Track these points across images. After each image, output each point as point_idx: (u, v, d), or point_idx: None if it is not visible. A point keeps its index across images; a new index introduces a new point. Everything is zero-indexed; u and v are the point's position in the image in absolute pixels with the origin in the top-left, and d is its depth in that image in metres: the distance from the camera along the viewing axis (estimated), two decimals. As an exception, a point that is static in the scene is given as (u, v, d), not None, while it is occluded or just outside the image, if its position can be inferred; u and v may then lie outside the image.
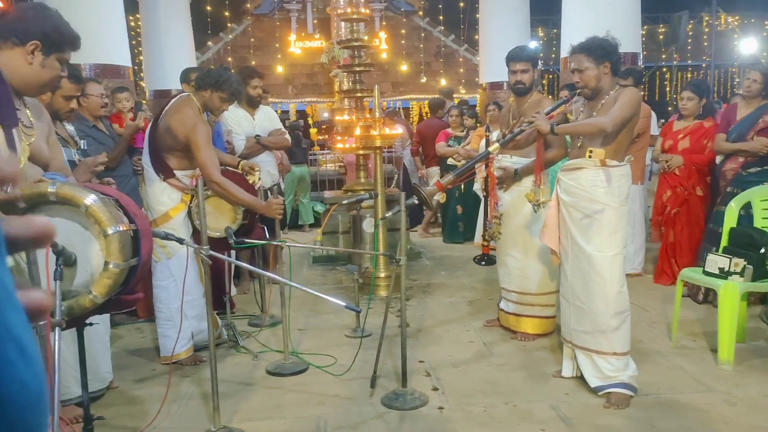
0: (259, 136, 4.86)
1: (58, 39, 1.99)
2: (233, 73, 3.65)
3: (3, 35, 1.98)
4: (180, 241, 2.74)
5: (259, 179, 3.85)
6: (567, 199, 3.09)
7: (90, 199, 1.80)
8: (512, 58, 3.86)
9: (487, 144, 5.61)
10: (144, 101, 7.30)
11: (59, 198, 1.79)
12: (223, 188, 3.38)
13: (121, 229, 1.85)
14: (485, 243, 6.02)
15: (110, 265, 1.81)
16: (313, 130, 11.05)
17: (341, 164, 8.35)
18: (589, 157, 3.02)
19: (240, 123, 4.86)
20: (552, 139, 3.57)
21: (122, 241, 1.84)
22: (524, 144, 3.73)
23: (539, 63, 3.98)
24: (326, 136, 10.48)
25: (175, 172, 3.51)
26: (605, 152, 3.00)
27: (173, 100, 3.60)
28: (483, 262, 5.97)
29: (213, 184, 3.35)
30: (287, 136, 5.23)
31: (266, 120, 5.04)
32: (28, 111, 2.18)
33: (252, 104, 4.95)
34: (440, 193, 3.91)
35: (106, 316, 3.25)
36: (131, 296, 2.18)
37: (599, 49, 3.04)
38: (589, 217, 3.00)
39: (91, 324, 2.12)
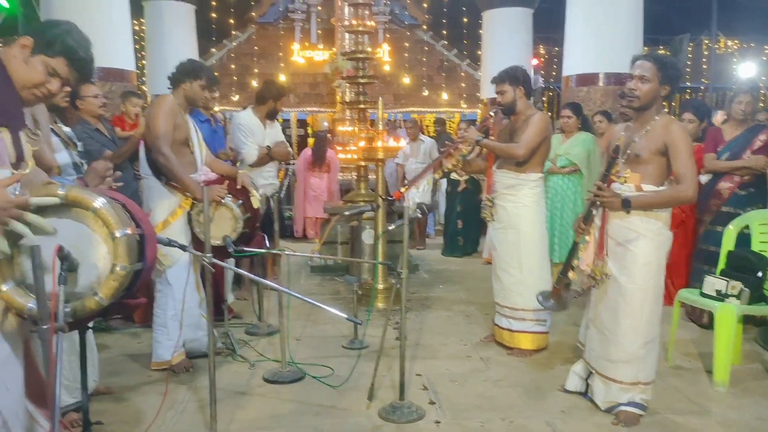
0: (269, 147, 4.87)
1: (52, 42, 1.87)
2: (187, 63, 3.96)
3: (10, 41, 1.99)
4: (183, 248, 2.74)
5: (259, 200, 3.73)
6: (609, 226, 2.92)
7: (99, 202, 1.81)
8: (492, 82, 3.95)
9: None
10: (147, 105, 7.31)
11: (69, 201, 1.79)
12: (166, 162, 3.39)
13: (129, 232, 1.85)
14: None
15: (117, 267, 1.81)
16: (311, 140, 11.05)
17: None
18: (624, 182, 2.84)
19: (253, 131, 4.85)
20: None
21: (129, 244, 1.84)
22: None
23: (539, 80, 4.02)
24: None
25: None
26: (640, 177, 2.85)
27: None
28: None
29: (159, 155, 3.39)
30: (289, 148, 5.25)
31: (275, 131, 5.09)
32: (32, 115, 2.18)
33: (271, 117, 4.99)
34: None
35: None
36: (134, 301, 2.18)
37: (659, 63, 2.86)
38: (623, 246, 2.87)
39: (91, 327, 2.12)
